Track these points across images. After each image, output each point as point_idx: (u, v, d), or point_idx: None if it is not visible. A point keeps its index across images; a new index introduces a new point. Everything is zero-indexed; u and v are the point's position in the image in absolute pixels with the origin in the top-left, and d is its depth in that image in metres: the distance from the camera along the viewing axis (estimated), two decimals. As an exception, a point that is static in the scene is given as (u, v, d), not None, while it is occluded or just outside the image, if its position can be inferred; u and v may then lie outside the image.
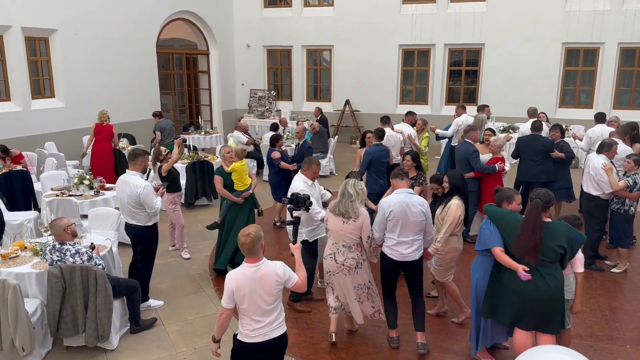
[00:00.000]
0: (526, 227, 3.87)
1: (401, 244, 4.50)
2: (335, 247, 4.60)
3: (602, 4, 13.64)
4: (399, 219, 4.44)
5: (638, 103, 14.07)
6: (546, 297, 3.90)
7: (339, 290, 4.72)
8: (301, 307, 5.48)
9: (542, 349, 1.81)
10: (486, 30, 14.55)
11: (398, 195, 4.54)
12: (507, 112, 13.20)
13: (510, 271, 4.01)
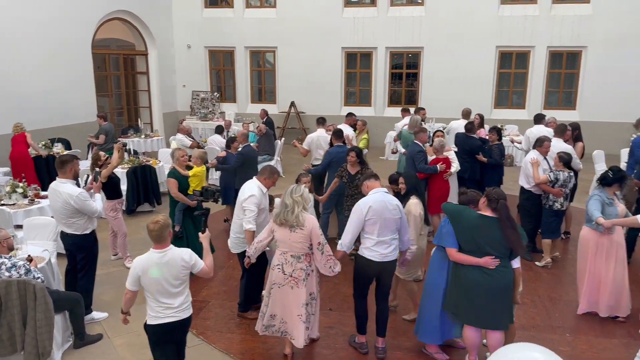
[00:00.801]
0: (506, 227, 4.06)
1: (381, 243, 4.45)
2: (284, 258, 4.37)
3: (532, 9, 14.40)
4: (377, 218, 4.40)
5: (565, 103, 14.95)
6: (499, 289, 4.08)
7: (279, 305, 4.43)
8: (252, 316, 5.28)
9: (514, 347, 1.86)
10: (425, 34, 14.99)
11: (374, 195, 4.51)
12: (446, 114, 13.62)
13: (467, 269, 4.16)
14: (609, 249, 5.26)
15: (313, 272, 4.44)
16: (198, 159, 6.49)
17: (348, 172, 6.52)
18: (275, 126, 13.96)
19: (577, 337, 5.07)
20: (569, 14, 14.11)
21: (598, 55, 14.11)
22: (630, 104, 13.82)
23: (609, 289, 5.30)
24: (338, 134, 7.58)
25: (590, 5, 14.03)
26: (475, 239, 4.11)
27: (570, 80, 14.84)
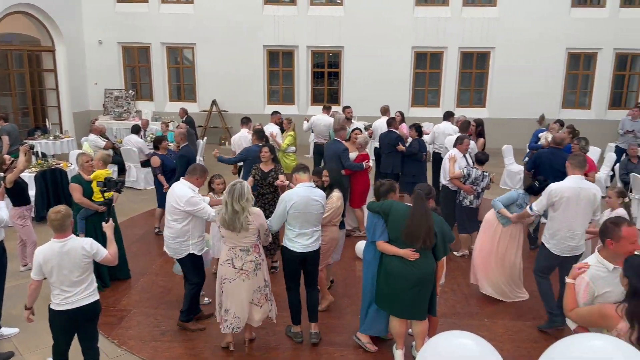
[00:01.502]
0: (415, 214, 4.15)
1: (302, 235, 4.62)
2: (233, 253, 4.45)
3: (444, 11, 15.10)
4: (300, 213, 4.53)
5: (476, 102, 15.83)
6: (420, 279, 4.22)
7: (233, 299, 4.47)
8: (194, 327, 5.12)
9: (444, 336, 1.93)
10: (345, 34, 15.25)
11: (301, 189, 4.62)
12: (368, 112, 13.94)
13: (390, 259, 4.28)
14: (511, 234, 5.68)
15: (263, 261, 4.59)
16: (100, 161, 5.99)
17: (261, 170, 6.33)
18: (196, 125, 13.60)
19: (494, 322, 5.39)
20: (478, 16, 14.96)
21: (504, 56, 15.08)
22: (534, 102, 14.92)
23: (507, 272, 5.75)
24: (259, 133, 7.49)
25: (497, 9, 14.95)
26: (402, 229, 4.22)
27: (480, 79, 15.73)
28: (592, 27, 14.71)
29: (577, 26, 14.72)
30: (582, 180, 4.79)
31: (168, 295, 5.89)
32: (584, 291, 3.14)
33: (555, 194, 4.79)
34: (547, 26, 14.71)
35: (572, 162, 4.87)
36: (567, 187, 4.77)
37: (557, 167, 6.28)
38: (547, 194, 4.88)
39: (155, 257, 6.89)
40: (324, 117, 10.32)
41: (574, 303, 3.17)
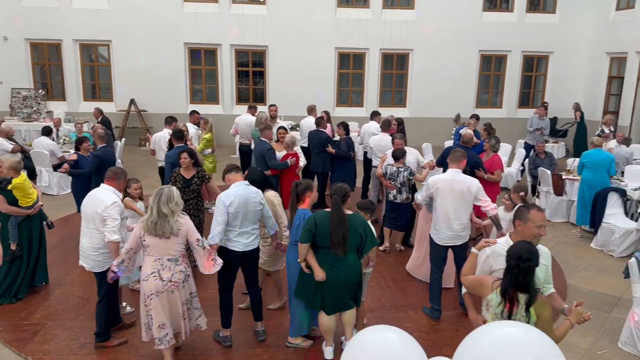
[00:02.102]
0: (333, 222, 4.21)
1: (243, 234, 4.62)
2: (159, 264, 4.15)
3: (365, 13, 15.45)
4: (240, 211, 4.52)
5: (397, 102, 16.34)
6: (349, 282, 4.34)
7: (164, 313, 4.21)
8: (116, 343, 4.81)
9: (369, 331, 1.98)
10: (269, 33, 15.18)
11: (237, 188, 4.61)
12: (294, 111, 13.96)
13: (318, 260, 4.33)
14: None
15: (191, 273, 4.41)
16: (10, 170, 5.55)
17: (182, 177, 6.09)
18: (113, 126, 12.99)
19: (418, 313, 5.60)
20: (397, 19, 15.44)
21: (423, 58, 15.68)
22: (450, 101, 15.64)
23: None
24: (178, 134, 7.25)
25: (414, 12, 15.52)
26: (327, 235, 4.25)
27: (400, 80, 16.26)
28: (502, 31, 15.65)
29: (489, 29, 15.61)
30: (457, 174, 5.18)
31: (87, 306, 5.57)
32: (483, 262, 3.48)
33: (432, 185, 5.25)
34: (461, 29, 15.47)
35: (450, 157, 5.33)
36: (442, 179, 5.23)
37: None
38: (426, 186, 5.37)
39: (72, 266, 6.49)
40: (246, 117, 10.24)
41: (470, 270, 3.51)
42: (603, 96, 15.36)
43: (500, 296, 3.00)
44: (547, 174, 8.88)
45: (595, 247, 7.67)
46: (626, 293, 5.95)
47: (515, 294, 2.93)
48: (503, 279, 3.04)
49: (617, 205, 7.70)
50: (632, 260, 4.93)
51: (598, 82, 15.48)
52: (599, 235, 7.65)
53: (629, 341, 4.96)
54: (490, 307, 3.09)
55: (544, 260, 3.41)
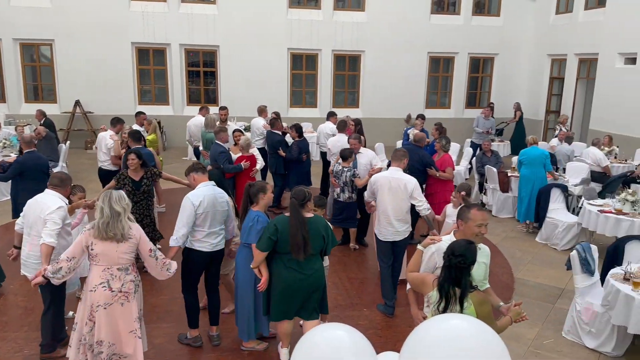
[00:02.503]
0: (292, 226, 4.14)
1: (211, 234, 4.62)
2: (109, 273, 3.87)
3: (317, 14, 15.51)
4: (208, 211, 4.52)
5: (350, 102, 16.51)
6: (313, 286, 4.29)
7: (106, 328, 3.87)
8: (62, 354, 4.54)
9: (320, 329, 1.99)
10: (220, 33, 14.99)
11: (204, 188, 4.60)
12: (247, 112, 13.85)
13: (277, 268, 4.26)
14: None
15: (140, 282, 4.11)
16: None
17: (130, 179, 5.90)
18: (57, 128, 12.48)
19: (373, 311, 5.67)
20: (348, 21, 15.59)
21: (374, 59, 15.91)
22: (401, 102, 15.92)
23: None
24: (135, 135, 7.10)
25: (365, 14, 15.71)
26: (288, 240, 4.18)
27: (353, 81, 16.43)
28: (449, 33, 16.09)
29: (436, 32, 16.01)
30: (396, 172, 5.38)
31: (31, 316, 5.32)
32: (428, 259, 3.55)
33: (373, 182, 5.48)
34: (411, 31, 15.80)
35: (392, 156, 5.55)
36: (382, 176, 5.45)
37: (411, 163, 6.79)
38: (369, 183, 5.58)
39: (14, 275, 6.18)
40: (196, 118, 10.08)
41: (415, 267, 3.57)
42: (545, 96, 16.06)
43: (437, 292, 3.07)
44: (493, 172, 9.19)
45: (540, 241, 8.01)
46: (569, 284, 6.24)
47: (450, 289, 2.99)
48: (440, 274, 3.14)
49: (560, 200, 8.07)
50: (573, 252, 5.17)
51: (540, 82, 16.17)
52: (543, 229, 7.99)
53: (572, 330, 5.20)
54: (430, 304, 3.16)
55: (484, 259, 3.51)
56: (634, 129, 12.08)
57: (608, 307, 4.81)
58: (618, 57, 12.84)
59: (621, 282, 4.77)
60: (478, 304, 3.00)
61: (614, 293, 4.71)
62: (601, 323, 4.92)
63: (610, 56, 13.03)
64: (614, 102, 12.82)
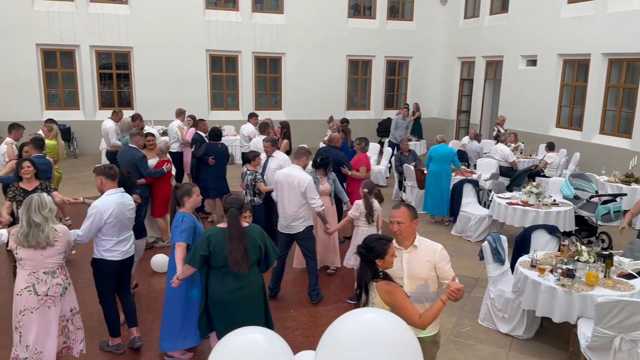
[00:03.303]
0: (232, 238, 3.87)
1: (121, 242, 4.53)
2: (34, 277, 3.85)
3: (235, 16, 15.35)
4: (118, 220, 4.44)
5: (273, 104, 16.48)
6: (254, 299, 4.04)
7: (34, 331, 3.85)
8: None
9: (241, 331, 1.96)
10: (133, 34, 14.42)
11: (112, 195, 4.47)
12: (164, 116, 13.41)
13: (212, 283, 4.00)
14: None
15: (70, 284, 4.11)
16: None
17: (23, 190, 5.51)
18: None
19: (299, 311, 5.69)
20: (267, 23, 15.58)
21: (295, 61, 16.00)
22: (323, 104, 16.15)
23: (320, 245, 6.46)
24: (37, 143, 6.62)
25: (284, 16, 15.76)
26: (225, 253, 3.91)
27: (275, 83, 16.42)
28: (366, 37, 16.55)
29: (354, 35, 16.40)
30: (294, 169, 5.72)
31: None
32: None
33: (276, 177, 5.89)
34: (329, 34, 16.07)
35: (294, 154, 5.93)
36: (281, 173, 5.82)
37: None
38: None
39: None
40: (106, 122, 9.55)
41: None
42: (457, 97, 16.94)
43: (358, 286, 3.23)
44: (410, 170, 9.55)
45: (455, 234, 8.44)
46: (483, 274, 6.61)
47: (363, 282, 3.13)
48: (358, 270, 3.27)
49: (472, 195, 8.55)
50: (485, 243, 5.49)
51: (451, 84, 17.04)
52: (457, 223, 8.42)
53: (487, 317, 5.52)
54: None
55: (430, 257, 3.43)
56: (536, 126, 13.05)
57: (518, 293, 5.15)
58: (520, 59, 13.83)
59: (528, 269, 5.12)
60: (385, 293, 3.09)
61: (522, 280, 5.05)
62: (512, 309, 5.25)
63: (514, 58, 14.00)
64: (518, 101, 13.78)
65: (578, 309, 4.64)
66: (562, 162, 10.67)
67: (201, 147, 8.31)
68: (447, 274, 3.42)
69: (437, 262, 3.40)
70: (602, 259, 5.03)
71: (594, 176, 8.83)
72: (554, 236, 5.87)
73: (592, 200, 7.48)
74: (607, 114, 11.68)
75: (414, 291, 3.39)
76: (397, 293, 3.10)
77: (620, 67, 11.32)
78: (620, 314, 4.08)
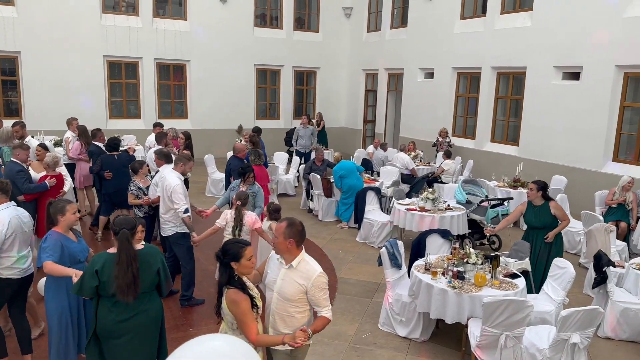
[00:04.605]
0: (120, 263, 3.48)
1: (21, 259, 4.37)
2: None
3: (135, 21, 14.70)
4: (17, 234, 4.28)
5: (178, 113, 15.94)
6: (140, 327, 3.64)
7: None
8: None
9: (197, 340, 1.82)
10: (21, 38, 13.33)
11: (7, 210, 4.31)
12: (56, 125, 12.48)
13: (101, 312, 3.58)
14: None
15: None
16: None
17: None
18: None
19: (199, 330, 5.47)
20: (170, 29, 15.09)
21: (201, 69, 15.62)
22: (232, 113, 15.92)
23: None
24: None
25: (187, 22, 15.35)
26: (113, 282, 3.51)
27: (179, 91, 15.91)
28: (274, 46, 16.56)
29: (262, 44, 16.35)
30: (169, 173, 5.88)
31: None
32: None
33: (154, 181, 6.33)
34: (236, 43, 15.89)
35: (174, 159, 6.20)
36: (158, 175, 6.16)
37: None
38: None
39: None
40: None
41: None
42: (362, 107, 17.44)
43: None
44: (317, 179, 9.63)
45: (360, 241, 8.61)
46: (384, 279, 6.77)
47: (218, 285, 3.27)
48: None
49: (374, 202, 8.78)
50: (382, 249, 5.63)
51: (357, 95, 17.52)
52: (361, 229, 8.60)
53: (386, 322, 5.65)
54: None
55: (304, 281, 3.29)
56: (434, 135, 13.74)
57: (413, 296, 5.32)
58: (419, 71, 14.52)
59: (423, 272, 5.31)
60: (230, 302, 3.10)
61: (417, 283, 5.22)
62: (409, 312, 5.42)
63: (413, 71, 14.67)
64: (418, 112, 14.46)
65: (468, 310, 4.88)
66: (457, 168, 11.30)
67: (96, 162, 7.80)
68: (319, 302, 3.29)
69: (309, 289, 3.26)
70: (489, 260, 5.34)
71: (484, 181, 9.44)
72: (447, 240, 6.15)
73: (483, 205, 7.96)
74: (497, 123, 12.57)
75: (279, 307, 3.33)
76: (241, 304, 3.07)
77: (507, 79, 12.25)
78: (504, 312, 4.34)
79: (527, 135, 11.48)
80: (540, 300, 5.34)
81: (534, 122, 11.27)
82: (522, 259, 5.88)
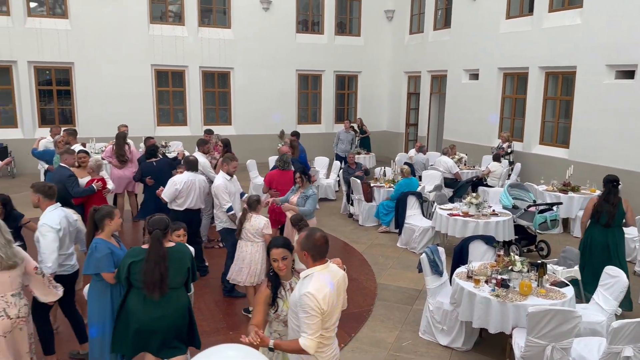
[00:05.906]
0: (149, 261, 3.78)
1: (70, 256, 4.52)
2: (4, 302, 3.72)
3: (180, 30, 15.13)
4: (67, 234, 4.44)
5: (223, 119, 16.27)
6: (172, 326, 3.91)
7: (10, 355, 3.75)
8: None
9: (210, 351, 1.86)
10: (74, 49, 13.98)
11: (56, 211, 4.48)
12: (108, 132, 12.98)
13: (132, 303, 3.88)
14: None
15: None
16: None
17: None
18: None
19: (237, 332, 5.52)
20: (214, 37, 15.43)
21: (244, 76, 15.89)
22: (273, 119, 16.08)
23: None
24: None
25: (231, 31, 15.66)
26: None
27: (224, 98, 16.24)
28: (315, 52, 16.65)
29: (303, 50, 16.47)
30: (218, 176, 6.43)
31: None
32: None
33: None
34: (278, 49, 16.07)
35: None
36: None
37: None
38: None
39: None
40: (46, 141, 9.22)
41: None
42: (404, 110, 17.23)
43: None
44: (357, 183, 9.57)
45: (401, 246, 8.48)
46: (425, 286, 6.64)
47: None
48: None
49: (415, 207, 8.63)
50: (423, 255, 5.52)
51: (399, 98, 17.33)
52: (402, 235, 8.47)
53: (427, 330, 5.52)
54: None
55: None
56: (479, 138, 13.40)
57: (455, 304, 5.18)
58: (463, 73, 14.21)
59: (465, 280, 5.16)
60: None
61: (459, 291, 5.08)
62: (451, 320, 5.27)
63: (457, 72, 14.37)
64: (462, 114, 14.13)
65: (512, 319, 4.70)
66: (505, 172, 10.97)
67: (137, 171, 8.03)
68: (300, 324, 2.98)
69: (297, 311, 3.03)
70: (536, 268, 5.13)
71: (532, 186, 9.11)
72: (491, 246, 5.96)
73: (530, 210, 7.68)
74: (545, 125, 12.12)
75: (290, 317, 3.19)
76: (259, 293, 3.25)
77: (556, 79, 11.80)
78: (550, 322, 4.15)
79: (578, 137, 11.00)
80: (590, 311, 5.09)
81: (585, 124, 10.79)
82: (571, 266, 5.62)
